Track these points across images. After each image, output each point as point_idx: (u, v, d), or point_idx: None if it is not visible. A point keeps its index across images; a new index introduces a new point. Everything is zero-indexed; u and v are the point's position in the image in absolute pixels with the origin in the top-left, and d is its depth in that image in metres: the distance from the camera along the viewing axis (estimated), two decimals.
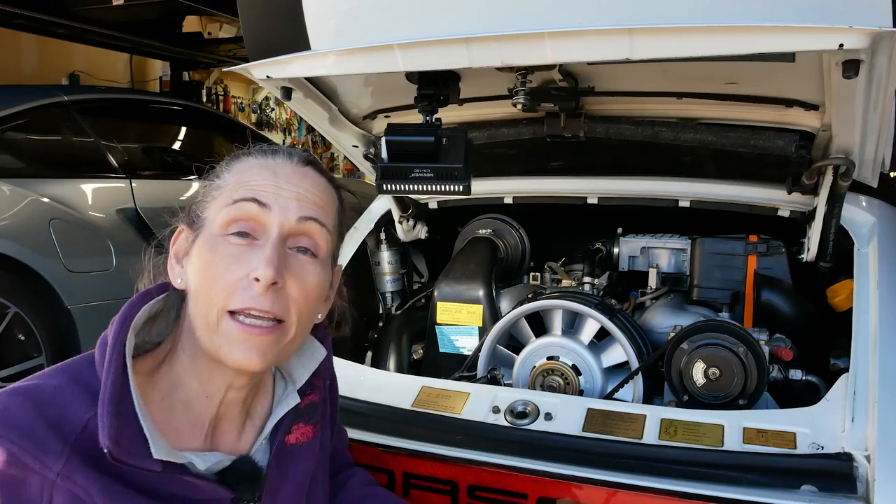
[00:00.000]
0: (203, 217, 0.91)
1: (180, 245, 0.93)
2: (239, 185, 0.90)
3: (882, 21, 1.07)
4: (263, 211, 0.88)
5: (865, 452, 1.17)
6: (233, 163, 0.95)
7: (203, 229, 0.90)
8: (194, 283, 0.88)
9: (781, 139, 1.59)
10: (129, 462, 0.78)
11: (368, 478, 1.26)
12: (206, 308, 0.86)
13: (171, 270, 0.93)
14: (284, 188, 0.90)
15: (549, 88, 1.63)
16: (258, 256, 0.86)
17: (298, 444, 1.01)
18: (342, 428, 1.28)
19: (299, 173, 0.93)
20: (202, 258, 0.88)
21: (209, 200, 0.92)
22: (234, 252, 0.87)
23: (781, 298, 1.75)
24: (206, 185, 0.95)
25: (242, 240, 0.87)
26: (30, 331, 2.89)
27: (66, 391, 0.81)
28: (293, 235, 0.90)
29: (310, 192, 0.92)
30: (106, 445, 0.76)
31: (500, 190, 2.07)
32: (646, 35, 1.15)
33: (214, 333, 0.86)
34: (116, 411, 0.79)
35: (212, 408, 0.92)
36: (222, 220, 0.88)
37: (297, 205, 0.90)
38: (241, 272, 0.86)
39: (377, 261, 2.14)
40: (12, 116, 3.16)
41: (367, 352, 1.99)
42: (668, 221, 2.02)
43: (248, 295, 0.85)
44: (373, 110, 1.88)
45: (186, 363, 0.90)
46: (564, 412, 1.39)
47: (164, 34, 6.34)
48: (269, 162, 0.93)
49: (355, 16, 1.37)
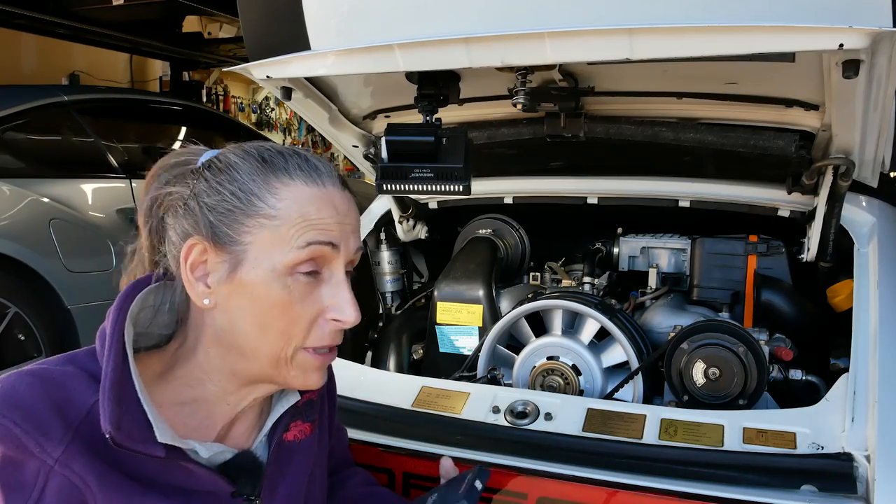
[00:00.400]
0: (243, 241, 0.85)
1: (196, 259, 0.87)
2: (305, 223, 0.86)
3: (882, 21, 1.07)
4: (334, 252, 0.88)
5: (865, 452, 1.17)
6: (275, 184, 0.87)
7: (248, 256, 0.85)
8: (259, 320, 0.86)
9: (781, 139, 1.59)
10: (132, 447, 0.79)
11: (369, 478, 1.26)
12: (279, 345, 0.86)
13: (190, 287, 0.88)
14: (345, 223, 0.90)
15: (549, 88, 1.63)
16: (331, 295, 0.88)
17: (296, 442, 1.01)
18: (341, 427, 1.28)
19: (347, 201, 0.92)
20: (272, 296, 0.85)
21: (251, 225, 0.85)
22: (305, 291, 0.87)
23: (781, 298, 1.75)
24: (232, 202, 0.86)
25: (310, 277, 0.87)
26: (30, 331, 2.89)
27: (73, 376, 0.82)
28: (349, 263, 0.92)
29: (357, 221, 0.93)
30: (108, 430, 0.76)
31: (500, 190, 2.07)
32: (646, 35, 1.15)
33: (287, 366, 0.88)
34: (118, 398, 0.79)
35: (231, 412, 0.93)
36: (293, 261, 0.85)
37: (353, 238, 0.91)
38: (315, 310, 0.87)
39: (377, 261, 2.14)
40: (12, 116, 3.16)
41: (367, 352, 1.99)
42: (668, 221, 2.02)
43: (326, 333, 0.88)
44: (373, 110, 1.88)
45: (211, 373, 0.90)
46: (564, 412, 1.39)
47: (164, 34, 6.35)
48: (323, 192, 0.89)
49: (355, 16, 1.37)
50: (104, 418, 0.77)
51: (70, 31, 5.83)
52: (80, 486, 0.77)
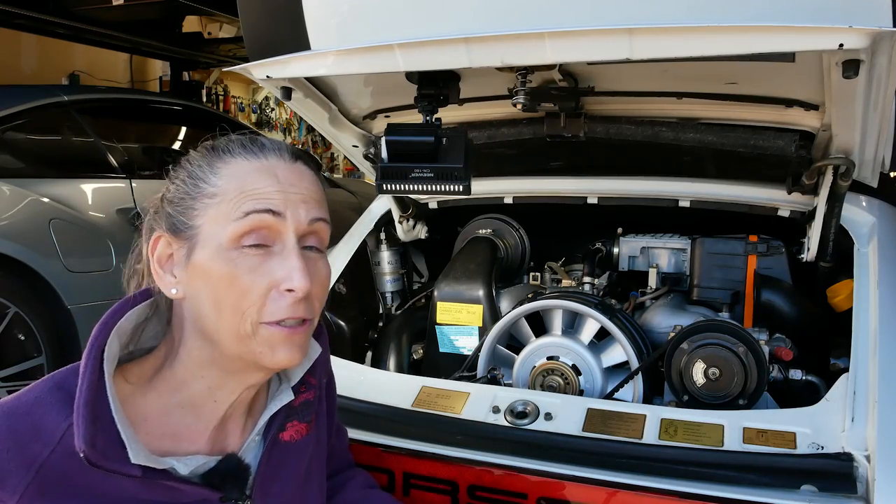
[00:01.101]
0: (195, 226, 0.87)
1: (162, 252, 0.90)
2: (243, 194, 0.87)
3: (882, 21, 1.07)
4: (277, 220, 0.87)
5: (865, 452, 1.17)
6: (218, 164, 0.90)
7: (199, 238, 0.87)
8: (212, 298, 0.86)
9: (781, 139, 1.59)
10: (107, 466, 0.78)
11: (368, 480, 1.26)
12: (235, 322, 0.85)
13: (158, 279, 0.90)
14: (290, 191, 0.89)
15: (549, 88, 1.63)
16: (282, 266, 0.86)
17: (292, 442, 1.01)
18: (342, 427, 1.28)
19: (296, 171, 0.92)
20: (219, 273, 0.85)
21: (199, 207, 0.87)
22: (254, 263, 0.86)
23: (781, 298, 1.75)
24: (185, 188, 0.89)
25: (259, 250, 0.86)
26: (30, 331, 2.89)
27: (45, 400, 0.81)
28: (303, 236, 0.90)
29: (310, 191, 0.92)
30: (81, 449, 0.76)
31: (500, 190, 2.07)
32: (646, 35, 1.15)
33: (251, 342, 0.86)
34: (92, 416, 0.78)
35: (220, 410, 0.92)
36: (233, 234, 0.85)
37: (305, 207, 0.90)
38: (266, 283, 0.86)
39: (377, 261, 2.14)
40: (12, 116, 3.16)
41: (367, 352, 1.99)
42: (668, 221, 2.02)
43: (282, 306, 0.86)
44: (373, 110, 1.88)
45: (194, 369, 0.90)
46: (564, 412, 1.39)
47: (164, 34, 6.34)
48: (263, 164, 0.90)
49: (355, 16, 1.37)
50: (78, 437, 0.76)
51: (70, 31, 5.83)
52: None
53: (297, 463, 1.02)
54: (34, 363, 2.90)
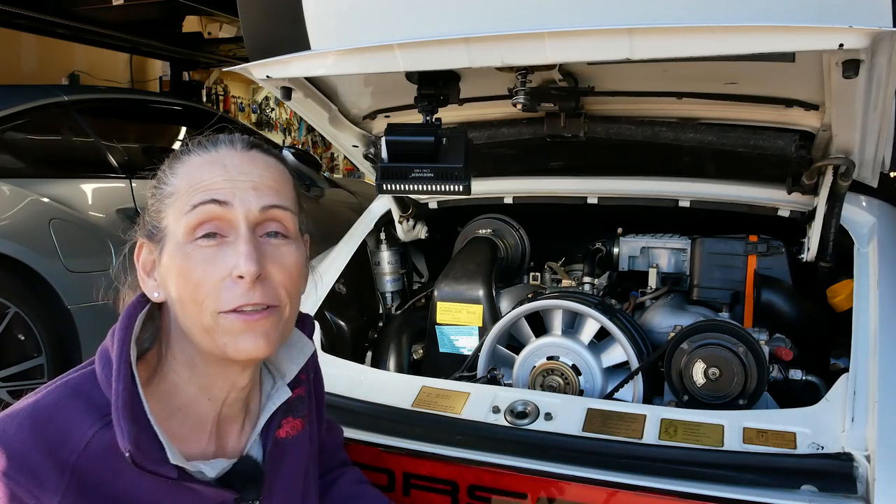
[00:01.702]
0: (162, 227, 0.89)
1: (145, 258, 0.92)
2: (192, 189, 0.88)
3: (882, 21, 1.07)
4: (225, 209, 0.87)
5: (865, 452, 1.17)
6: (176, 165, 0.92)
7: (166, 239, 0.89)
8: (176, 294, 0.87)
9: (781, 139, 1.59)
10: (149, 467, 0.79)
11: (360, 476, 1.26)
12: (197, 314, 0.86)
13: (144, 285, 0.92)
14: (238, 179, 0.89)
15: (549, 88, 1.63)
16: (233, 253, 0.86)
17: (289, 438, 1.01)
18: (334, 424, 1.28)
19: (247, 159, 0.92)
20: (177, 268, 0.86)
21: (163, 209, 0.90)
22: (207, 255, 0.86)
23: (781, 298, 1.75)
24: (154, 194, 0.92)
25: (212, 241, 0.86)
26: (30, 331, 2.89)
27: (67, 406, 0.81)
28: (260, 223, 0.90)
29: (263, 178, 0.91)
30: (128, 450, 0.77)
31: (500, 190, 2.07)
32: (646, 35, 1.15)
33: (214, 334, 0.86)
34: (133, 417, 0.79)
35: (214, 411, 0.92)
36: (185, 228, 0.86)
37: (255, 194, 0.89)
38: (221, 272, 0.86)
39: (377, 261, 2.14)
40: (12, 116, 3.16)
41: (367, 352, 1.99)
42: (668, 221, 2.02)
43: (236, 293, 0.85)
44: (373, 110, 1.88)
45: (182, 371, 0.90)
46: (564, 412, 1.39)
47: (164, 34, 6.34)
48: (213, 156, 0.91)
49: (355, 16, 1.37)
50: (123, 438, 0.77)
51: (70, 31, 5.82)
52: None
53: (296, 459, 1.02)
54: (34, 363, 2.89)
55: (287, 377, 1.03)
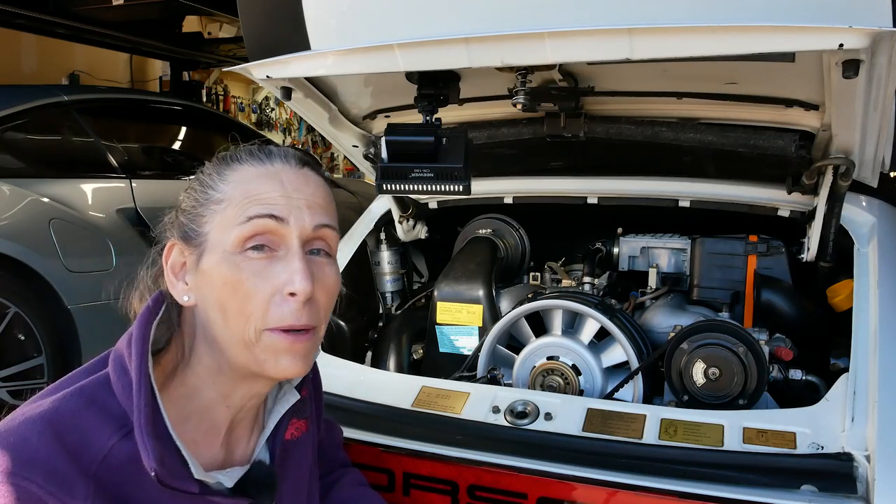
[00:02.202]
0: (203, 232, 0.88)
1: (175, 260, 0.91)
2: (247, 200, 0.87)
3: (882, 21, 1.07)
4: (280, 225, 0.87)
5: (865, 452, 1.17)
6: (226, 171, 0.91)
7: (207, 245, 0.87)
8: (218, 303, 0.86)
9: (781, 139, 1.59)
10: (173, 484, 0.79)
11: (360, 478, 1.26)
12: (240, 327, 0.85)
13: (172, 287, 0.90)
14: (294, 197, 0.89)
15: (549, 88, 1.63)
16: (285, 269, 0.85)
17: (294, 440, 1.01)
18: (334, 424, 1.28)
19: (301, 177, 0.92)
20: (224, 278, 0.85)
21: (207, 214, 0.88)
22: (258, 268, 0.85)
23: (781, 298, 1.75)
24: (195, 196, 0.91)
25: (262, 253, 0.86)
26: (30, 331, 2.89)
27: (85, 415, 0.80)
28: (309, 241, 0.90)
29: (316, 196, 0.91)
30: (153, 468, 0.76)
31: (500, 190, 2.07)
32: (646, 35, 1.15)
33: (255, 349, 0.86)
34: (156, 434, 0.79)
35: (229, 416, 0.92)
36: (238, 238, 0.85)
37: (309, 213, 0.89)
38: (271, 287, 0.85)
39: (377, 261, 2.14)
40: (12, 116, 3.16)
41: (367, 352, 1.99)
42: (668, 221, 2.02)
43: (285, 311, 0.85)
44: (373, 110, 1.88)
45: (205, 376, 0.89)
46: (564, 412, 1.39)
47: (164, 34, 6.34)
48: (269, 169, 0.90)
49: (355, 16, 1.37)
50: (148, 456, 0.76)
51: (70, 31, 5.82)
52: None
53: (302, 459, 1.03)
54: (34, 363, 2.89)
55: (294, 381, 1.03)
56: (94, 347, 2.94)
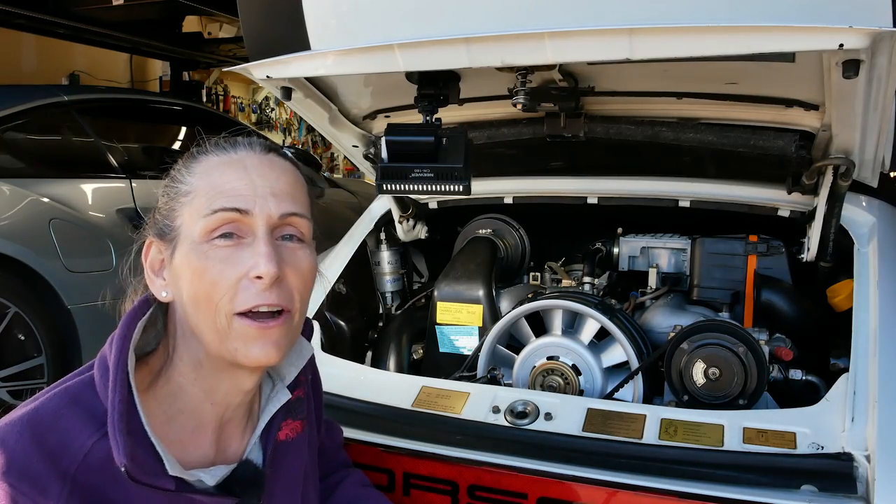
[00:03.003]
0: (175, 226, 0.89)
1: (154, 257, 0.92)
2: (213, 191, 0.88)
3: (882, 21, 1.07)
4: (245, 217, 0.87)
5: (865, 452, 1.17)
6: (192, 164, 0.92)
7: (179, 238, 0.88)
8: (189, 293, 0.87)
9: (781, 139, 1.59)
10: (146, 480, 0.79)
11: (363, 479, 1.26)
12: (212, 315, 0.86)
13: (151, 284, 0.91)
14: (258, 183, 0.89)
15: (549, 88, 1.63)
16: (251, 254, 0.86)
17: (288, 441, 1.01)
18: (334, 425, 1.28)
19: (266, 163, 0.92)
20: (192, 267, 0.86)
21: (178, 207, 0.89)
22: (225, 254, 0.86)
23: (781, 298, 1.75)
24: (167, 192, 0.92)
25: (229, 241, 0.87)
26: (30, 331, 2.89)
27: (66, 414, 0.81)
28: (277, 227, 0.90)
29: (282, 182, 0.92)
30: (123, 464, 0.76)
31: (500, 190, 2.07)
32: (646, 35, 1.15)
33: (226, 337, 0.86)
34: (128, 430, 0.79)
35: (217, 414, 0.92)
36: (204, 229, 0.86)
37: (275, 201, 0.89)
38: (238, 272, 0.86)
39: (377, 261, 2.14)
40: (12, 116, 3.16)
41: (367, 352, 1.99)
42: (668, 221, 2.02)
43: (252, 293, 0.85)
44: (373, 110, 1.88)
45: (187, 372, 0.90)
46: (564, 412, 1.39)
47: (164, 34, 6.34)
48: (233, 157, 0.91)
49: (355, 16, 1.37)
50: (118, 452, 0.77)
51: (70, 31, 5.82)
52: None
53: (296, 461, 1.02)
54: (34, 363, 2.89)
55: (286, 380, 1.03)
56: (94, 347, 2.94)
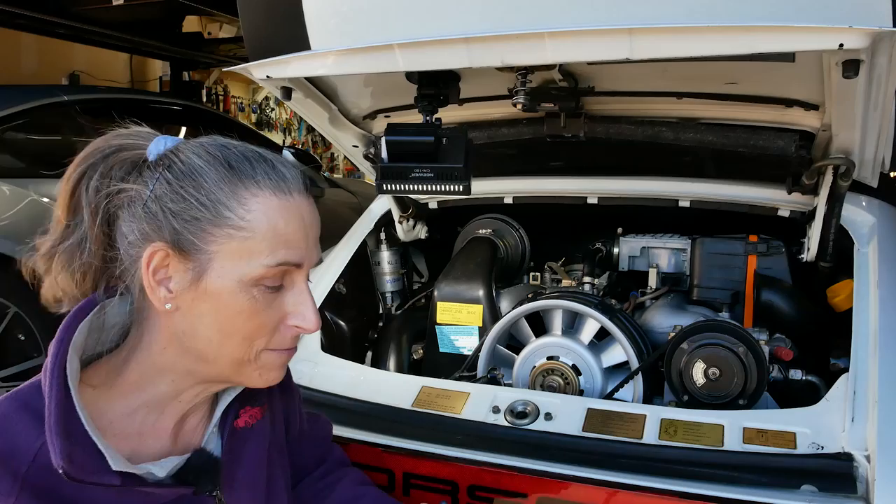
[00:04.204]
0: (209, 250, 0.84)
1: (160, 265, 0.85)
2: (276, 240, 0.86)
3: (882, 21, 1.07)
4: (299, 268, 0.90)
5: (865, 452, 1.17)
6: (244, 194, 0.85)
7: (214, 265, 0.84)
8: (218, 324, 0.86)
9: (781, 139, 1.59)
10: (87, 479, 0.78)
11: (362, 477, 1.26)
12: (242, 349, 0.88)
13: (152, 292, 0.86)
14: (311, 236, 0.91)
15: (549, 88, 1.63)
16: (293, 303, 0.89)
17: (248, 428, 1.01)
18: (319, 417, 1.27)
19: (312, 211, 0.92)
20: (238, 305, 0.85)
21: (217, 234, 0.84)
22: (270, 299, 0.88)
23: (781, 298, 1.75)
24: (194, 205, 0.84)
25: (276, 288, 0.89)
26: (30, 331, 2.89)
27: (14, 418, 0.81)
28: None
29: (319, 228, 0.94)
30: (60, 466, 0.76)
31: (500, 190, 2.07)
32: (646, 35, 1.15)
33: (248, 366, 0.89)
34: (65, 432, 0.78)
35: (183, 408, 0.93)
36: (262, 275, 0.85)
37: (317, 251, 0.93)
38: (279, 316, 0.89)
39: (377, 261, 2.14)
40: (12, 116, 3.16)
41: (367, 352, 1.99)
42: (668, 221, 2.02)
43: (287, 337, 0.91)
44: (373, 110, 1.88)
45: (164, 371, 0.89)
46: (564, 412, 1.39)
47: (164, 34, 6.34)
48: (290, 203, 0.88)
49: (355, 16, 1.37)
50: (55, 454, 0.76)
51: (70, 31, 5.83)
52: None
53: (258, 447, 1.02)
54: (34, 363, 2.90)
55: None
56: None
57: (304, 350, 1.70)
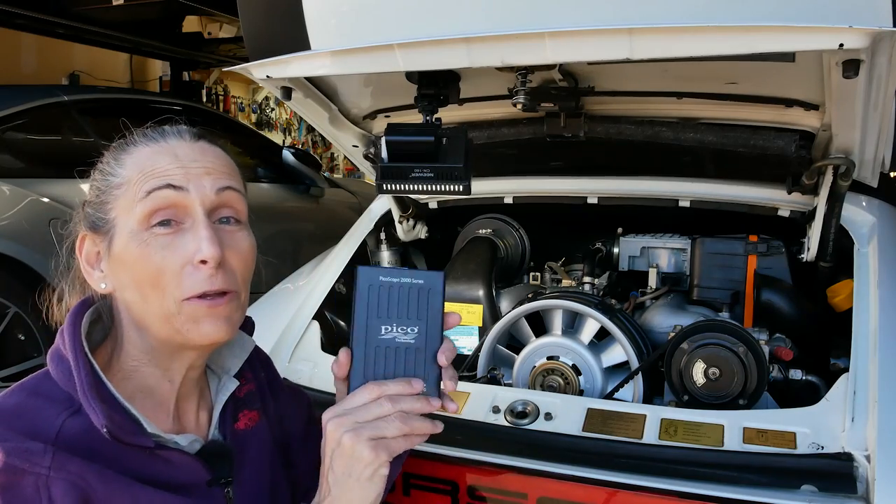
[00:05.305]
0: (110, 218, 0.90)
1: (89, 250, 0.93)
2: (144, 176, 0.89)
3: (882, 21, 1.07)
4: (180, 194, 0.88)
5: (865, 452, 1.17)
6: (122, 155, 0.92)
7: (116, 229, 0.89)
8: (133, 281, 0.88)
9: (781, 139, 1.59)
10: (126, 439, 0.81)
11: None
12: (159, 302, 0.87)
13: (89, 277, 0.92)
14: (191, 167, 0.90)
15: (549, 88, 1.63)
16: (192, 238, 0.87)
17: (248, 430, 1.03)
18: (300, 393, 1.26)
19: (198, 149, 0.93)
20: (134, 255, 0.87)
21: (111, 200, 0.90)
22: (166, 241, 0.87)
23: (781, 298, 1.75)
24: (97, 185, 0.93)
25: (168, 228, 0.88)
26: (30, 331, 2.89)
27: (29, 404, 0.82)
28: (215, 209, 0.91)
29: (214, 164, 0.93)
30: (104, 425, 0.79)
31: (500, 190, 2.07)
32: (646, 35, 1.15)
33: (176, 321, 0.87)
34: (101, 397, 0.81)
35: (174, 390, 0.94)
36: (140, 215, 0.87)
37: (209, 179, 0.91)
38: (182, 258, 0.87)
39: (377, 261, 2.14)
40: (12, 116, 3.16)
41: None
42: (668, 221, 2.02)
43: (198, 279, 0.87)
44: (373, 110, 1.88)
45: (140, 356, 0.91)
46: (564, 412, 1.39)
47: (164, 34, 6.35)
48: (163, 146, 0.92)
49: (355, 16, 1.37)
50: (98, 416, 0.79)
51: (70, 31, 5.83)
52: (82, 483, 0.78)
53: (260, 448, 1.04)
54: (34, 363, 2.90)
55: (231, 371, 1.04)
56: None
57: (305, 350, 1.70)
